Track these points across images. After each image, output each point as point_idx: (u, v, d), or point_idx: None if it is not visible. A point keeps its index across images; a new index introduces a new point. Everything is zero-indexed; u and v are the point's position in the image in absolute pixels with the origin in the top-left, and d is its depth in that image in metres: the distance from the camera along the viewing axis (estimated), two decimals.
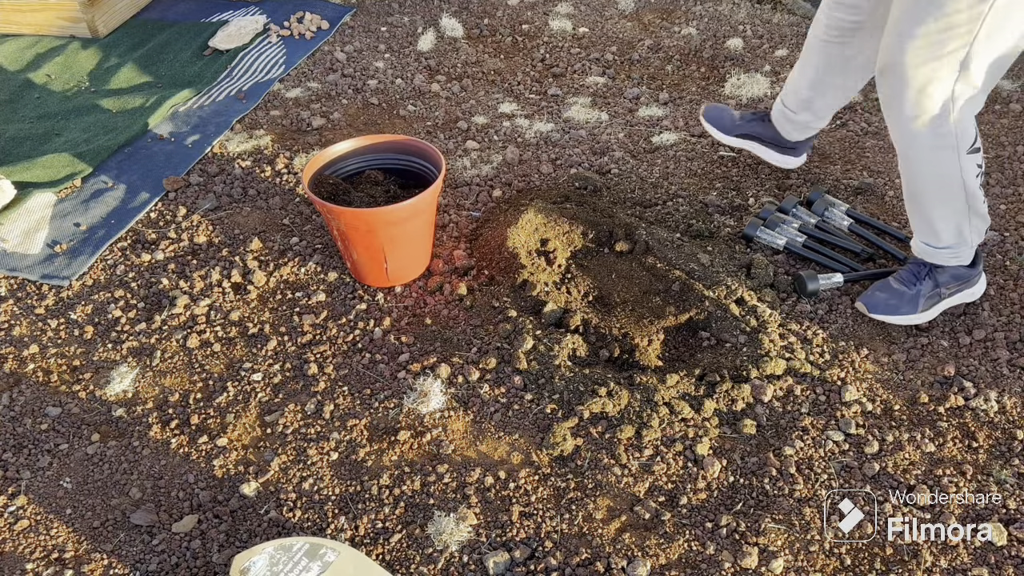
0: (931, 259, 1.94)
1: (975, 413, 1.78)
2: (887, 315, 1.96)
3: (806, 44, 2.16)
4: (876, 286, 2.01)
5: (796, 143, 2.36)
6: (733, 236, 2.26)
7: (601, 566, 1.54)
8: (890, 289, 1.98)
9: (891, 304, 1.96)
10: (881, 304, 1.97)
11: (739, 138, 2.41)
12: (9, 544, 1.65)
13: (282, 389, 1.92)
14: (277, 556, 1.44)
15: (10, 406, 1.91)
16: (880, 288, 1.99)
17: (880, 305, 1.97)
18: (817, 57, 2.13)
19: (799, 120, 2.27)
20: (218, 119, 2.85)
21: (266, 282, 2.19)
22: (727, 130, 2.42)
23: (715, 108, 2.46)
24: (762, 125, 2.38)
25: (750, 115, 2.41)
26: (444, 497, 1.67)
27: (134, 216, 2.44)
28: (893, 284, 1.98)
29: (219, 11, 3.54)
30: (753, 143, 2.40)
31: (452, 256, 2.23)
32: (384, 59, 3.15)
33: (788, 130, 2.32)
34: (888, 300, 1.96)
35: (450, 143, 2.71)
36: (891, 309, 1.96)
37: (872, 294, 2.00)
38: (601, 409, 1.79)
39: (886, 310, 1.96)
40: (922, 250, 1.94)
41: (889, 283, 1.99)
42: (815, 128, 2.30)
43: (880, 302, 1.97)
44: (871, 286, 2.03)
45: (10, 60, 3.26)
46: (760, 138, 2.39)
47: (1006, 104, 2.71)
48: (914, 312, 1.95)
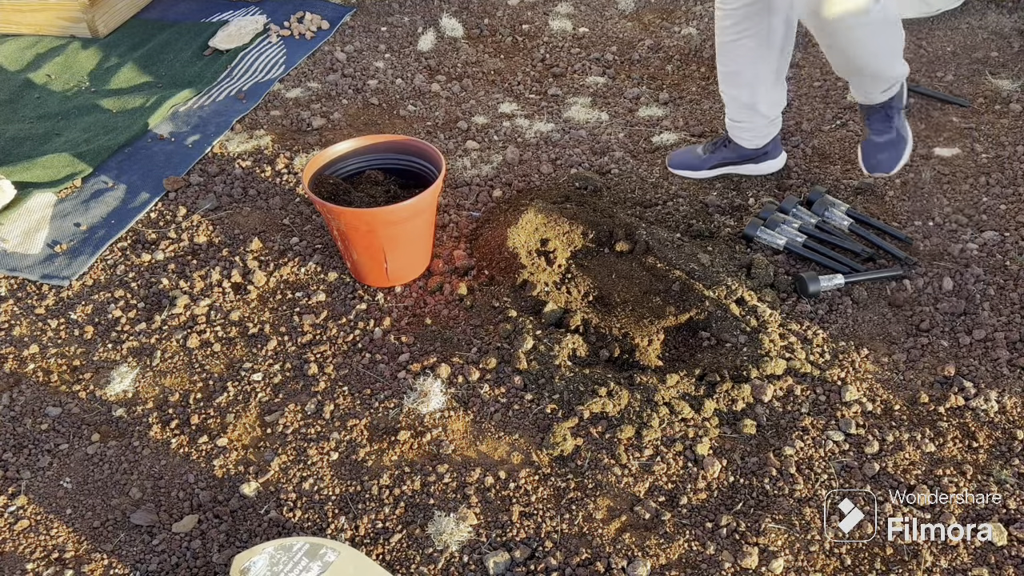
0: (888, 96, 2.16)
1: (975, 413, 1.78)
2: (902, 161, 2.23)
3: (720, 56, 2.23)
4: (871, 151, 2.24)
5: (765, 148, 2.39)
6: (733, 236, 2.26)
7: (601, 566, 1.54)
8: (883, 145, 2.21)
9: (895, 153, 2.22)
10: (892, 160, 2.22)
11: (713, 169, 2.46)
12: (9, 544, 1.65)
13: (282, 389, 1.92)
14: (277, 556, 1.44)
15: (10, 406, 1.91)
16: (876, 150, 2.23)
17: (893, 161, 2.22)
18: (736, 59, 2.19)
19: (753, 126, 2.32)
20: (218, 119, 2.85)
21: (266, 282, 2.19)
22: (698, 168, 2.47)
23: (678, 155, 2.52)
24: (726, 149, 2.42)
25: (711, 145, 2.46)
26: (444, 497, 1.67)
27: (134, 216, 2.45)
28: (880, 139, 2.22)
29: (219, 11, 3.54)
30: (728, 167, 2.45)
31: (452, 256, 2.23)
32: (384, 59, 3.16)
33: (748, 140, 2.36)
34: (891, 153, 2.21)
35: (450, 143, 2.71)
36: (898, 155, 2.22)
37: (876, 158, 2.22)
38: (601, 409, 1.79)
39: (896, 159, 2.22)
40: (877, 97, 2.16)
41: (876, 142, 2.22)
42: (773, 128, 2.35)
43: (891, 160, 2.22)
44: (866, 152, 2.26)
45: (10, 60, 3.26)
46: (732, 161, 2.43)
47: (1006, 104, 2.71)
48: (908, 137, 2.24)
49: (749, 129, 2.33)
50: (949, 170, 2.45)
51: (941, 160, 2.50)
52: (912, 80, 2.86)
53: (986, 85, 2.83)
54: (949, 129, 2.63)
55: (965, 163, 2.48)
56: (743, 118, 2.31)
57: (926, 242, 2.21)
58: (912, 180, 2.43)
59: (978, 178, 2.41)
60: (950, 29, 3.17)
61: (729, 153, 2.41)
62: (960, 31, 3.15)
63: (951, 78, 2.88)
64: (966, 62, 2.96)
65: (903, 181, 2.43)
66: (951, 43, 3.08)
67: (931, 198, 2.36)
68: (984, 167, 2.45)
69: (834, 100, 2.81)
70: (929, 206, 2.33)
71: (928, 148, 2.55)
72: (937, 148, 2.55)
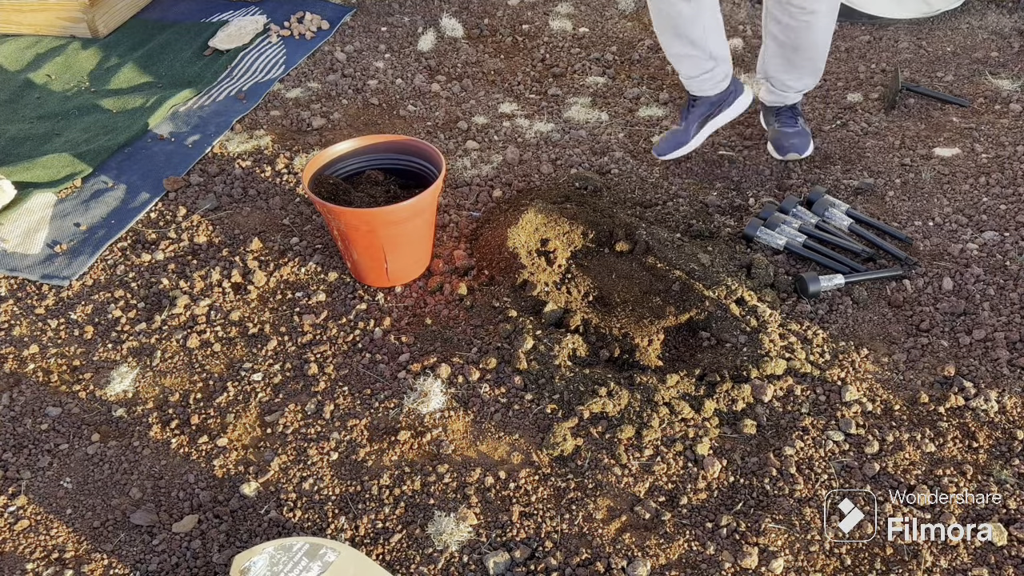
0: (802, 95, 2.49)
1: (975, 413, 1.78)
2: (811, 147, 2.50)
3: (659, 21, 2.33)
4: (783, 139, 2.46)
5: (730, 88, 2.50)
6: (733, 236, 2.26)
7: (601, 566, 1.54)
8: (793, 134, 2.46)
9: (804, 139, 2.48)
10: (804, 145, 2.47)
11: (697, 133, 2.53)
12: (9, 544, 1.65)
13: (282, 389, 1.92)
14: (277, 556, 1.44)
15: (10, 406, 1.91)
16: (787, 138, 2.46)
17: (804, 145, 2.47)
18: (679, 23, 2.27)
19: (712, 74, 2.41)
20: (218, 119, 2.85)
21: (266, 282, 2.19)
22: (685, 140, 2.53)
23: (661, 144, 2.57)
24: (696, 107, 2.50)
25: (682, 113, 2.54)
26: (444, 497, 1.67)
27: (134, 216, 2.45)
28: (790, 131, 2.46)
29: (219, 11, 3.54)
30: (708, 123, 2.52)
31: (452, 256, 2.23)
32: (384, 59, 3.16)
33: (711, 87, 2.45)
34: (801, 139, 2.47)
35: (450, 143, 2.71)
36: (807, 141, 2.49)
37: (789, 142, 2.45)
38: (601, 409, 1.79)
39: (807, 144, 2.48)
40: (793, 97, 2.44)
41: (787, 132, 2.46)
42: (729, 66, 2.45)
43: (802, 144, 2.47)
44: (779, 142, 2.47)
45: (10, 60, 3.26)
46: (708, 115, 2.51)
47: (1006, 104, 2.71)
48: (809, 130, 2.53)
49: (709, 79, 2.41)
50: (949, 170, 2.45)
51: (941, 160, 2.50)
52: (912, 80, 2.87)
53: (986, 85, 2.83)
54: (949, 129, 2.63)
55: (965, 163, 2.48)
56: (698, 71, 2.39)
57: (926, 242, 2.21)
58: (912, 180, 2.43)
59: (978, 178, 2.41)
60: (950, 29, 3.17)
61: (701, 108, 2.49)
62: (960, 31, 3.15)
63: (951, 78, 2.88)
64: (966, 62, 2.96)
65: (903, 181, 2.43)
66: (951, 43, 3.08)
67: (931, 198, 2.36)
68: (984, 167, 2.45)
69: (834, 100, 2.81)
70: (929, 206, 2.33)
71: (928, 148, 2.55)
72: (937, 148, 2.55)
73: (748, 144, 2.62)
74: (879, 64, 2.99)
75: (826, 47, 2.35)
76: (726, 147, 2.61)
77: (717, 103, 2.49)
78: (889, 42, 3.12)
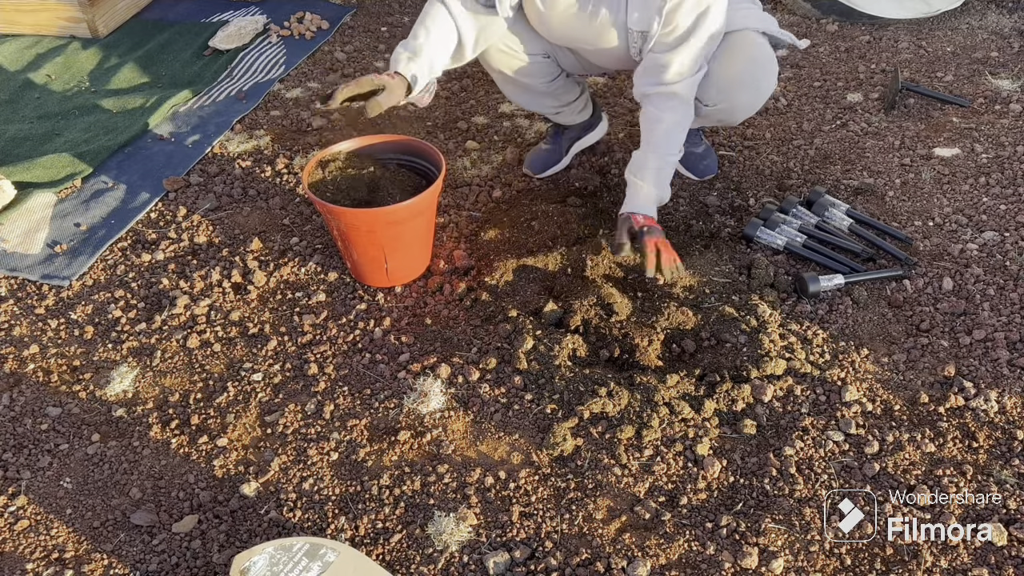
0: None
1: (975, 413, 1.78)
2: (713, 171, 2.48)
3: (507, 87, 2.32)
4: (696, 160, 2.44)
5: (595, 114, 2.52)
6: (733, 236, 2.26)
7: (601, 566, 1.54)
8: (701, 153, 2.46)
9: (712, 157, 2.49)
10: (713, 162, 2.48)
11: (567, 153, 2.53)
12: (9, 544, 1.65)
13: (282, 389, 1.92)
14: (277, 556, 1.44)
15: (10, 406, 1.91)
16: (699, 158, 2.45)
17: (713, 163, 2.48)
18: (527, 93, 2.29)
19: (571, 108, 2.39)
20: (218, 119, 2.85)
21: (266, 282, 2.19)
22: (558, 160, 2.53)
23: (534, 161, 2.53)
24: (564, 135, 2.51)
25: (550, 140, 2.54)
26: (444, 497, 1.67)
27: (134, 216, 2.45)
28: (698, 150, 2.44)
29: (219, 11, 3.54)
30: (575, 145, 2.53)
31: (452, 256, 2.23)
32: (384, 59, 3.15)
33: (577, 117, 2.44)
34: (710, 158, 2.48)
35: (450, 143, 2.71)
36: (715, 158, 2.51)
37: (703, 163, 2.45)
38: (601, 409, 1.79)
39: (716, 161, 2.50)
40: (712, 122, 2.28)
41: (696, 152, 2.44)
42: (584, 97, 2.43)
43: (712, 162, 2.48)
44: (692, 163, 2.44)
45: (10, 60, 3.26)
46: (575, 137, 2.52)
47: (1006, 104, 2.71)
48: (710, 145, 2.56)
49: (570, 113, 2.41)
50: (949, 170, 2.45)
51: (941, 160, 2.50)
52: (912, 80, 2.87)
53: (986, 85, 2.83)
54: (949, 129, 2.63)
55: (965, 163, 2.48)
56: (557, 110, 2.38)
57: (926, 242, 2.21)
58: (912, 180, 2.43)
59: (978, 178, 2.41)
60: (950, 29, 3.17)
61: (572, 133, 2.51)
62: (960, 31, 3.15)
63: (951, 78, 2.88)
64: (966, 62, 2.96)
65: (903, 181, 2.43)
66: (951, 43, 3.08)
67: (931, 198, 2.36)
68: (984, 167, 2.45)
69: (834, 100, 2.81)
70: (929, 206, 2.33)
71: (928, 148, 2.55)
72: (937, 148, 2.55)
73: (748, 144, 2.62)
74: (879, 64, 2.99)
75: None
76: (726, 147, 2.61)
77: (584, 127, 2.51)
78: (889, 42, 3.12)
